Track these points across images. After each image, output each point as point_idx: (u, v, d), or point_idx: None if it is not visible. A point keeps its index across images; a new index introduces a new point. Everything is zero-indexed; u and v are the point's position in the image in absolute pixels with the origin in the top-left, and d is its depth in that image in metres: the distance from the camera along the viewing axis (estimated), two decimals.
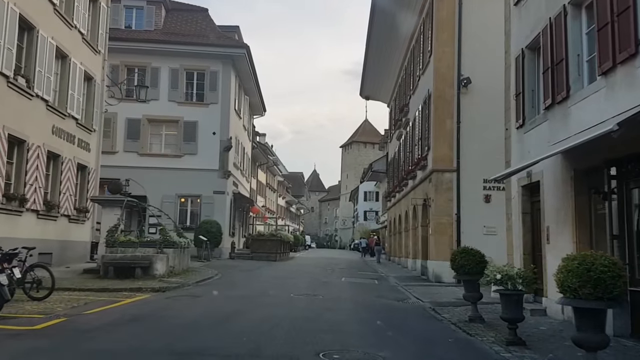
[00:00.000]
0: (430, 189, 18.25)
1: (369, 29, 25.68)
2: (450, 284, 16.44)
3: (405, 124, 25.08)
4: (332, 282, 16.13)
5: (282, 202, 71.39)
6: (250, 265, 22.17)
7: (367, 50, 28.34)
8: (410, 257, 23.35)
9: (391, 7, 22.44)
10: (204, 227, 24.46)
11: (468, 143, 17.63)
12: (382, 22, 23.99)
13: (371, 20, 24.38)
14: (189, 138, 26.86)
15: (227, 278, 16.27)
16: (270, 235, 28.60)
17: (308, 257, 36.50)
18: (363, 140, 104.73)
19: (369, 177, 39.38)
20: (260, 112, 37.80)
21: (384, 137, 41.23)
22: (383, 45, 26.68)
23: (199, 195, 26.62)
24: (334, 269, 22.70)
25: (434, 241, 17.54)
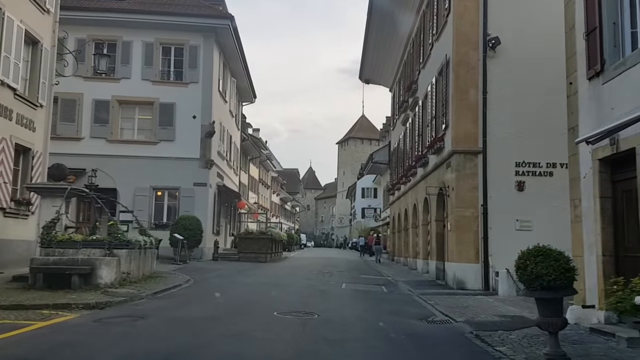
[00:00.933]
0: (449, 175, 14.96)
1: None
2: (477, 292, 13.21)
3: (412, 104, 21.78)
4: (330, 290, 12.81)
5: (276, 199, 68.06)
6: (234, 268, 18.84)
7: (367, 25, 25.05)
8: (419, 257, 20.07)
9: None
10: (181, 224, 21.11)
11: (497, 118, 14.37)
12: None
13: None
14: (165, 122, 23.49)
15: (198, 286, 12.95)
16: (259, 234, 25.28)
17: (303, 258, 33.19)
18: (360, 136, 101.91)
19: (369, 169, 36.03)
20: (249, 99, 34.47)
21: (385, 126, 37.95)
22: (386, 17, 23.38)
23: (177, 187, 23.27)
24: (331, 271, 19.41)
25: (455, 239, 14.26)
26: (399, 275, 18.48)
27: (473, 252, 14.05)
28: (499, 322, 8.71)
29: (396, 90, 28.92)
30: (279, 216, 69.57)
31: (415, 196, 21.20)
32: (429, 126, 17.99)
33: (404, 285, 14.99)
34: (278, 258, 29.37)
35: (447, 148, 15.17)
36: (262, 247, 24.95)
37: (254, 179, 50.28)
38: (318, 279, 15.78)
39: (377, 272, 21.05)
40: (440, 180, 16.10)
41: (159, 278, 13.77)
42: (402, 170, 25.17)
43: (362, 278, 17.35)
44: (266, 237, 25.15)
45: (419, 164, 19.31)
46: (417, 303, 11.21)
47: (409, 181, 22.97)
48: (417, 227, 21.14)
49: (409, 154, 22.90)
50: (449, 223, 14.96)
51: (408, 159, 22.89)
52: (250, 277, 15.68)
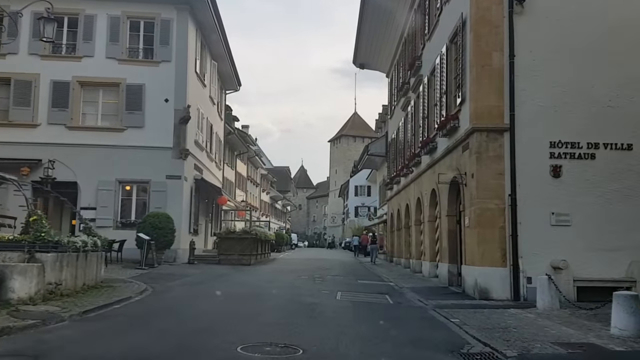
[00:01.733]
0: (467, 159, 12.23)
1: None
2: (506, 303, 10.54)
3: (415, 84, 19.04)
4: (322, 304, 9.97)
5: (265, 197, 65.13)
6: (210, 274, 16.00)
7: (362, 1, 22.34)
8: (425, 259, 17.33)
9: None
10: (149, 222, 18.22)
11: (527, 87, 11.68)
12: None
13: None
14: (133, 106, 20.59)
15: (151, 301, 10.12)
16: (242, 233, 22.41)
17: (293, 259, 30.37)
18: (352, 134, 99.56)
19: (364, 163, 33.24)
20: (233, 87, 31.56)
21: (380, 116, 35.20)
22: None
23: (147, 180, 20.37)
24: (324, 276, 16.62)
25: (476, 237, 11.52)
26: (403, 280, 15.73)
27: (499, 254, 11.32)
28: (567, 357, 5.97)
29: (394, 75, 26.19)
30: (269, 215, 66.64)
31: (419, 189, 18.47)
32: (437, 105, 15.25)
33: (412, 294, 12.23)
34: (265, 260, 26.54)
35: (464, 126, 12.42)
36: (245, 248, 22.11)
37: (241, 175, 47.42)
38: (307, 286, 12.97)
39: (376, 276, 18.28)
40: (454, 166, 13.36)
41: (106, 289, 10.92)
42: (402, 162, 22.44)
43: (360, 285, 14.57)
44: (250, 237, 22.31)
45: (425, 151, 16.56)
46: (438, 322, 8.43)
47: (410, 172, 20.24)
48: (421, 223, 18.41)
49: (410, 141, 20.17)
50: (467, 218, 12.21)
51: (410, 148, 20.15)
52: (225, 286, 12.85)
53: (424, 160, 17.35)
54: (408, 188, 21.10)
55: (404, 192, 22.22)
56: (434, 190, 16.04)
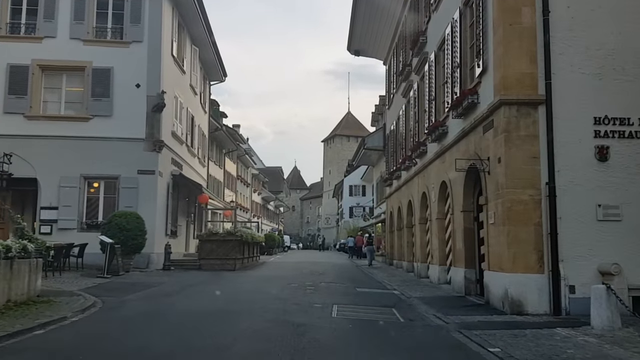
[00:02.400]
0: (492, 141, 9.98)
1: None
2: (550, 320, 8.27)
3: (419, 65, 16.77)
4: (313, 325, 7.61)
5: (257, 198, 62.68)
6: (183, 282, 13.67)
7: None
8: (434, 262, 15.05)
9: None
10: (114, 222, 15.85)
11: (565, 50, 9.47)
12: None
13: None
14: (100, 93, 18.25)
15: (93, 321, 7.81)
16: (226, 235, 20.05)
17: (284, 263, 28.03)
18: (346, 134, 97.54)
19: (360, 158, 30.91)
20: (218, 77, 29.18)
21: (377, 108, 32.89)
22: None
23: (116, 176, 18.02)
24: (317, 283, 14.30)
25: (505, 236, 9.25)
26: (409, 288, 13.45)
27: (534, 257, 9.08)
28: None
29: (392, 61, 23.93)
30: (260, 216, 64.22)
31: (425, 182, 16.21)
32: (448, 82, 12.98)
33: (424, 307, 9.95)
34: (253, 264, 24.20)
35: (487, 101, 10.15)
36: (229, 251, 19.77)
37: (230, 175, 45.09)
38: (297, 298, 10.63)
39: (377, 282, 15.99)
40: (472, 151, 11.10)
41: (39, 305, 8.58)
42: (403, 154, 20.18)
43: (359, 294, 12.27)
44: (235, 239, 19.96)
45: (433, 137, 14.29)
46: (473, 354, 6.12)
47: (413, 165, 17.98)
48: (427, 222, 16.15)
49: (413, 130, 17.90)
50: (492, 212, 9.94)
51: (413, 137, 17.89)
52: (195, 299, 10.53)
53: (431, 149, 15.08)
54: (411, 183, 18.83)
55: (406, 188, 19.95)
56: (444, 183, 13.78)
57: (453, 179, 12.66)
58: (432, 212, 15.29)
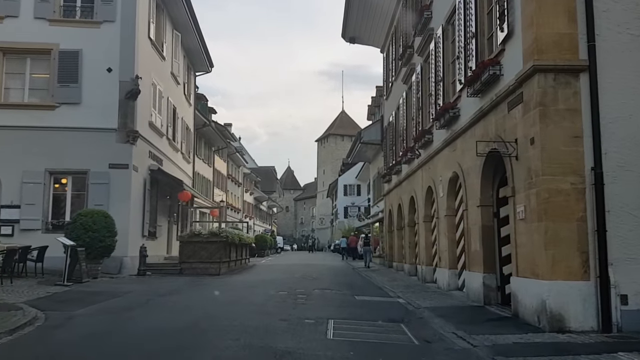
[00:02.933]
0: (521, 119, 8.21)
1: None
2: (604, 341, 6.52)
3: (423, 44, 14.99)
4: (302, 353, 5.80)
5: (249, 198, 60.75)
6: (154, 291, 11.81)
7: None
8: (442, 265, 13.26)
9: None
10: (79, 222, 13.97)
11: (611, 8, 7.71)
12: None
13: None
14: (68, 78, 16.38)
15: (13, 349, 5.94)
16: (209, 236, 18.18)
17: (275, 265, 26.20)
18: (340, 133, 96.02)
19: (356, 154, 29.07)
20: (204, 67, 27.31)
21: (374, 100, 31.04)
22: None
23: (86, 171, 16.14)
24: (309, 290, 12.48)
25: (541, 234, 7.48)
26: (415, 295, 11.68)
27: (578, 259, 7.32)
28: None
29: (391, 47, 22.16)
30: (252, 217, 62.32)
31: (430, 175, 14.45)
32: (461, 57, 11.22)
33: (439, 322, 8.16)
34: (241, 267, 22.36)
35: (514, 70, 8.36)
36: (213, 253, 17.93)
37: (220, 173, 43.23)
38: (284, 311, 8.80)
39: (378, 287, 14.19)
40: (492, 134, 9.33)
41: None
42: (403, 146, 18.42)
43: (359, 304, 10.45)
44: (219, 241, 18.10)
45: (441, 123, 12.51)
46: None
47: (416, 157, 16.22)
48: (434, 219, 14.37)
49: (416, 118, 16.13)
50: (521, 206, 8.15)
51: (416, 126, 16.12)
52: (162, 313, 8.69)
53: (438, 137, 13.30)
54: (413, 177, 17.06)
55: (407, 183, 18.18)
56: (454, 175, 12.02)
57: (467, 168, 10.89)
58: (439, 208, 13.51)
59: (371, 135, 24.70)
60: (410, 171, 17.28)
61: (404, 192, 18.94)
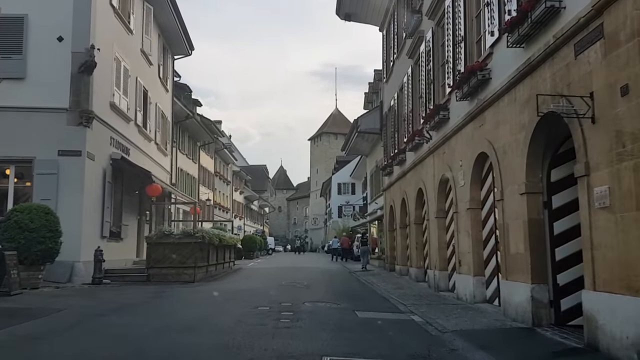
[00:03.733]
0: (601, 63, 5.63)
1: None
2: None
3: (435, 4, 12.42)
4: None
5: (239, 197, 58.02)
6: (99, 306, 9.20)
7: None
8: (463, 271, 10.66)
9: None
10: (14, 219, 11.28)
11: None
12: None
13: None
14: (10, 48, 13.73)
15: None
16: (182, 236, 15.49)
17: (263, 269, 23.58)
18: (334, 131, 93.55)
19: (352, 145, 26.41)
20: (183, 50, 24.57)
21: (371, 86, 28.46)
22: None
23: (31, 159, 13.45)
24: (297, 305, 9.83)
25: None
26: (431, 309, 9.12)
27: None
28: None
29: (392, 22, 19.59)
30: (243, 217, 59.61)
31: (445, 162, 11.90)
32: (492, 4, 8.66)
33: (481, 357, 5.59)
34: (222, 272, 19.72)
35: (582, 0, 5.81)
36: (187, 257, 15.28)
37: (206, 170, 40.57)
38: (259, 342, 6.15)
39: (382, 298, 11.61)
40: (549, 90, 6.74)
41: None
42: (408, 132, 15.87)
43: (362, 326, 7.84)
44: (195, 242, 15.45)
45: (463, 92, 9.92)
46: None
47: (425, 141, 13.65)
48: (451, 214, 11.82)
49: (427, 95, 13.56)
50: (603, 188, 5.57)
51: (426, 103, 13.56)
52: (83, 344, 6.05)
53: (458, 111, 10.75)
54: (421, 166, 14.50)
55: (413, 174, 15.62)
56: (481, 157, 9.48)
57: (503, 146, 8.32)
58: (458, 200, 10.94)
59: (369, 124, 22.10)
60: (418, 159, 14.71)
61: (408, 185, 16.38)
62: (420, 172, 14.58)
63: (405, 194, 16.83)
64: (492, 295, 9.47)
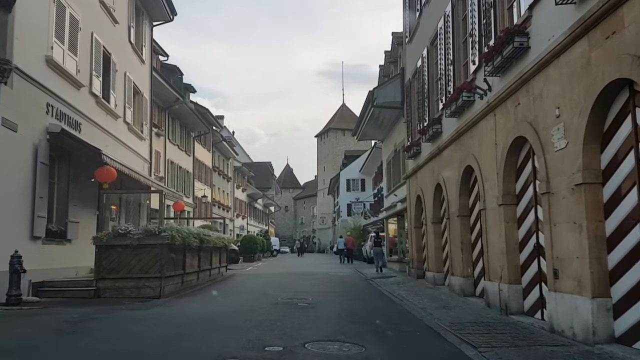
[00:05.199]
0: None
1: None
2: None
3: None
4: None
5: (241, 194, 53.99)
6: None
7: None
8: (571, 289, 6.54)
9: None
10: None
11: None
12: None
13: None
14: None
15: None
16: (144, 236, 11.42)
17: (260, 276, 19.58)
18: (341, 127, 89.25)
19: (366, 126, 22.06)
20: (162, 15, 20.43)
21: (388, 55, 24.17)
22: None
23: None
24: (294, 347, 5.79)
25: None
26: (521, 356, 5.01)
27: None
28: None
29: None
30: (246, 216, 55.64)
31: (526, 115, 7.80)
32: None
33: None
34: (207, 281, 15.74)
35: None
36: (150, 264, 11.27)
37: (203, 164, 36.69)
38: None
39: (429, 329, 7.51)
40: None
41: None
42: (447, 94, 11.76)
43: None
44: (161, 243, 11.41)
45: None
46: None
47: (477, 97, 9.55)
48: (530, 198, 7.70)
49: (483, 30, 9.44)
50: None
51: (480, 42, 9.44)
52: None
53: (549, 29, 6.64)
54: (469, 134, 10.38)
55: (455, 148, 11.50)
56: (606, 94, 5.38)
57: None
58: (552, 175, 6.83)
59: (387, 97, 17.92)
60: (464, 126, 10.58)
61: (446, 165, 12.28)
62: (469, 143, 10.46)
63: (441, 178, 12.72)
64: (629, 332, 5.39)
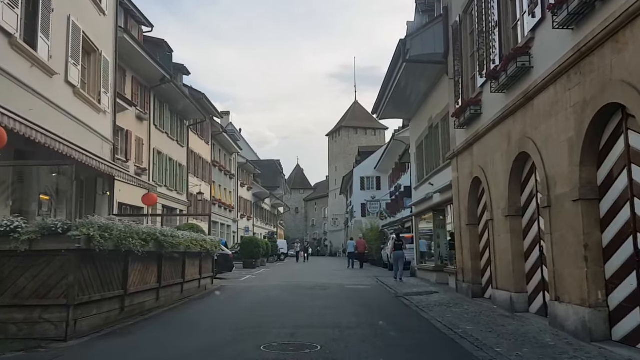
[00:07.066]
0: None
1: None
2: None
3: None
4: None
5: (246, 194, 49.40)
6: None
7: None
8: None
9: None
10: None
11: None
12: None
13: None
14: None
15: None
16: (41, 235, 6.84)
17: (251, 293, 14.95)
18: (353, 125, 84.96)
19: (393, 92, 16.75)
20: None
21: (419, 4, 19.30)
22: None
23: None
24: None
25: None
26: None
27: None
28: None
29: None
30: (251, 217, 51.10)
31: None
32: None
33: None
34: (175, 300, 11.19)
35: None
36: (51, 283, 6.70)
37: (200, 158, 32.26)
38: None
39: None
40: None
41: None
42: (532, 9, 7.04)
43: None
44: (69, 249, 6.84)
45: None
46: None
47: None
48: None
49: None
50: None
51: None
52: None
53: None
54: (588, 61, 5.66)
55: (559, 91, 6.79)
56: None
57: None
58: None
59: (425, 47, 13.05)
60: (567, 61, 5.86)
61: (542, 119, 7.56)
62: (588, 84, 5.74)
63: (530, 142, 7.99)
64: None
